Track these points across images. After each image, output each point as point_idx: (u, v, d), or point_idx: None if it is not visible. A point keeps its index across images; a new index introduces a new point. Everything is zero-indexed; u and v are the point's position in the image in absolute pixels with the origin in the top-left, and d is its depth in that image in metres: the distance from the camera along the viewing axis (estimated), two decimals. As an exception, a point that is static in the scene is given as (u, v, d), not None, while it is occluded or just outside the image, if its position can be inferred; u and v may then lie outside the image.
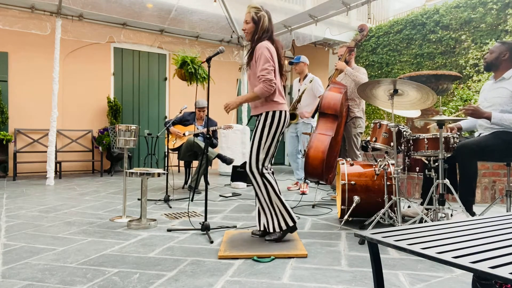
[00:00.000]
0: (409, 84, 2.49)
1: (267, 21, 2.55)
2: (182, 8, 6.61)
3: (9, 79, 6.57)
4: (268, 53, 2.46)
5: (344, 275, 1.97)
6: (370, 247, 1.03)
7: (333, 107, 3.67)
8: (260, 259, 2.19)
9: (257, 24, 2.55)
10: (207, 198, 2.82)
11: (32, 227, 2.97)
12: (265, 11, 2.57)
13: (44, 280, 1.87)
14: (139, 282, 1.85)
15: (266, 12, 2.57)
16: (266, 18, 2.55)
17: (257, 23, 2.55)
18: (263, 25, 2.54)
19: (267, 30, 2.56)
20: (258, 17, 2.54)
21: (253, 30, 2.57)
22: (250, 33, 2.58)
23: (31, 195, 4.53)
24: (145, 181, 3.03)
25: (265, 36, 2.55)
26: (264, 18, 2.54)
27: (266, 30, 2.55)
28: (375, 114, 7.39)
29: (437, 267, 2.08)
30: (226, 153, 6.47)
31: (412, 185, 4.57)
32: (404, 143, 2.85)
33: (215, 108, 7.30)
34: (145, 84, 7.96)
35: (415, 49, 6.82)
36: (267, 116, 2.49)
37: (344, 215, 3.02)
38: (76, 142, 7.19)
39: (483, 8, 5.81)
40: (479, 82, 5.49)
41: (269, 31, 2.57)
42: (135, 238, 2.67)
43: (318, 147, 3.49)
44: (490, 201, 4.12)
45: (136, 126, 3.39)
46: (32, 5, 5.72)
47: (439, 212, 2.56)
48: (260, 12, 2.55)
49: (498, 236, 1.01)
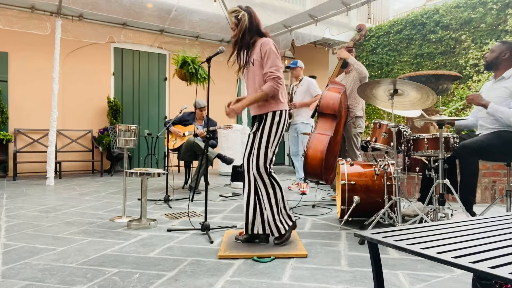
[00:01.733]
0: (409, 84, 2.49)
1: (246, 20, 2.44)
2: (182, 8, 6.61)
3: (9, 79, 6.57)
4: (276, 50, 2.41)
5: (344, 275, 1.97)
6: (370, 247, 1.03)
7: (332, 107, 3.67)
8: (260, 259, 2.19)
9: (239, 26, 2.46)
10: (207, 198, 2.81)
11: (32, 227, 2.97)
12: (244, 9, 2.46)
13: (44, 280, 1.87)
14: (139, 282, 1.85)
15: (245, 10, 2.47)
16: (245, 17, 2.44)
17: (238, 25, 2.46)
18: (241, 25, 2.44)
19: (249, 29, 2.45)
20: (238, 20, 2.45)
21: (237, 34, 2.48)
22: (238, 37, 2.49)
23: (31, 195, 4.53)
24: (145, 181, 3.03)
25: (250, 34, 2.45)
26: (243, 18, 2.44)
27: (247, 29, 2.45)
28: (375, 114, 7.39)
29: (437, 267, 2.08)
30: (226, 153, 6.47)
31: (412, 185, 4.57)
32: (404, 143, 2.85)
33: (215, 108, 7.30)
34: (145, 84, 7.96)
35: (415, 49, 6.82)
36: (274, 115, 2.42)
37: (344, 215, 3.02)
38: (76, 142, 7.19)
39: (483, 8, 5.81)
40: (479, 82, 5.49)
41: (252, 28, 2.46)
42: (135, 238, 2.67)
43: (316, 146, 3.48)
44: (490, 201, 4.12)
45: (136, 126, 3.39)
46: (32, 5, 5.72)
47: (439, 212, 2.56)
48: (239, 14, 2.45)
49: (498, 236, 1.01)
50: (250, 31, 2.46)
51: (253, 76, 2.47)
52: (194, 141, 4.70)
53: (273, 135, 2.44)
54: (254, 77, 2.47)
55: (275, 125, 2.44)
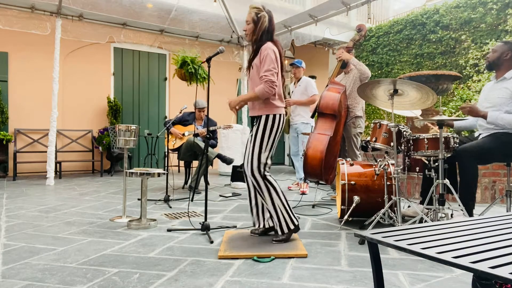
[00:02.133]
0: (409, 84, 2.49)
1: (267, 22, 2.52)
2: (182, 8, 6.61)
3: (9, 79, 6.57)
4: (274, 55, 2.45)
5: (344, 275, 1.97)
6: (370, 247, 1.03)
7: (332, 107, 3.67)
8: (260, 259, 2.19)
9: (257, 24, 2.52)
10: (207, 198, 2.81)
11: (32, 227, 2.97)
12: (266, 11, 2.54)
13: (44, 280, 1.87)
14: (139, 282, 1.85)
15: (267, 12, 2.54)
16: (266, 18, 2.52)
17: (257, 23, 2.52)
18: (261, 26, 2.51)
19: (267, 31, 2.53)
20: (258, 18, 2.51)
21: (253, 30, 2.55)
22: (251, 33, 2.56)
23: (31, 195, 4.53)
24: (145, 181, 3.03)
25: (266, 37, 2.52)
26: (264, 19, 2.51)
27: (266, 30, 2.53)
28: (375, 114, 7.39)
29: (437, 267, 2.08)
30: (226, 153, 6.47)
31: (412, 185, 4.57)
32: (404, 143, 2.85)
33: (215, 108, 7.30)
34: (145, 84, 7.96)
35: (415, 49, 6.82)
36: (267, 119, 2.48)
37: (344, 215, 3.02)
38: (76, 142, 7.19)
39: (483, 8, 5.81)
40: (479, 82, 5.49)
41: (269, 32, 2.55)
42: (135, 238, 2.67)
43: (316, 146, 3.48)
44: (490, 201, 4.12)
45: (136, 126, 3.39)
46: (32, 5, 5.72)
47: (439, 212, 2.56)
48: (261, 13, 2.52)
49: (498, 236, 1.01)
50: (267, 34, 2.53)
51: (253, 79, 2.55)
52: (194, 141, 4.70)
53: (266, 138, 2.47)
54: (253, 80, 2.55)
55: (268, 129, 2.48)
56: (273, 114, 2.48)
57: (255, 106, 2.54)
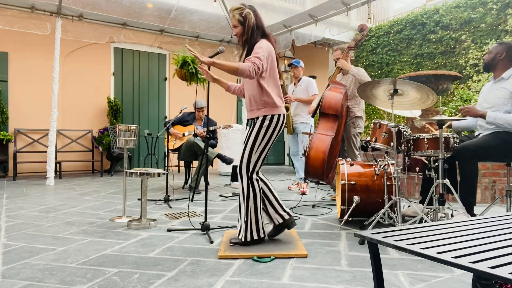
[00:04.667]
0: (409, 84, 2.49)
1: (253, 18, 2.41)
2: (182, 8, 6.61)
3: (9, 79, 6.57)
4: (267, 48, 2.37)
5: (344, 275, 1.97)
6: (370, 247, 1.03)
7: (334, 107, 3.66)
8: (260, 259, 2.19)
9: (244, 24, 2.42)
10: (207, 198, 2.81)
11: (32, 227, 2.97)
12: (248, 7, 2.43)
13: (44, 280, 1.87)
14: (139, 282, 1.85)
15: (250, 8, 2.44)
16: (251, 14, 2.41)
17: (244, 23, 2.42)
18: (249, 23, 2.41)
19: (256, 27, 2.42)
20: (243, 17, 2.41)
21: (242, 31, 2.44)
22: (241, 35, 2.46)
23: (31, 195, 4.53)
24: (145, 181, 3.03)
25: (257, 33, 2.42)
26: (249, 16, 2.40)
27: (255, 26, 2.42)
28: (375, 114, 7.39)
29: (437, 267, 2.08)
30: (226, 153, 6.47)
31: (412, 185, 4.57)
32: (404, 143, 2.85)
33: (215, 108, 7.30)
34: (145, 84, 7.96)
35: (415, 49, 6.82)
36: (264, 119, 2.40)
37: (344, 215, 3.02)
38: (76, 142, 7.19)
39: (483, 8, 5.81)
40: (479, 82, 5.49)
41: (259, 27, 2.44)
42: (135, 238, 2.67)
43: (319, 147, 3.48)
44: (490, 201, 4.12)
45: (136, 126, 3.39)
46: (32, 5, 5.72)
47: (439, 212, 2.56)
48: (244, 11, 2.41)
49: (498, 236, 1.01)
50: (257, 30, 2.44)
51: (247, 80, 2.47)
52: (194, 141, 4.70)
53: (260, 139, 2.40)
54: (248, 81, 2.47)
55: (263, 129, 2.40)
56: (271, 115, 2.40)
57: (253, 108, 2.45)
